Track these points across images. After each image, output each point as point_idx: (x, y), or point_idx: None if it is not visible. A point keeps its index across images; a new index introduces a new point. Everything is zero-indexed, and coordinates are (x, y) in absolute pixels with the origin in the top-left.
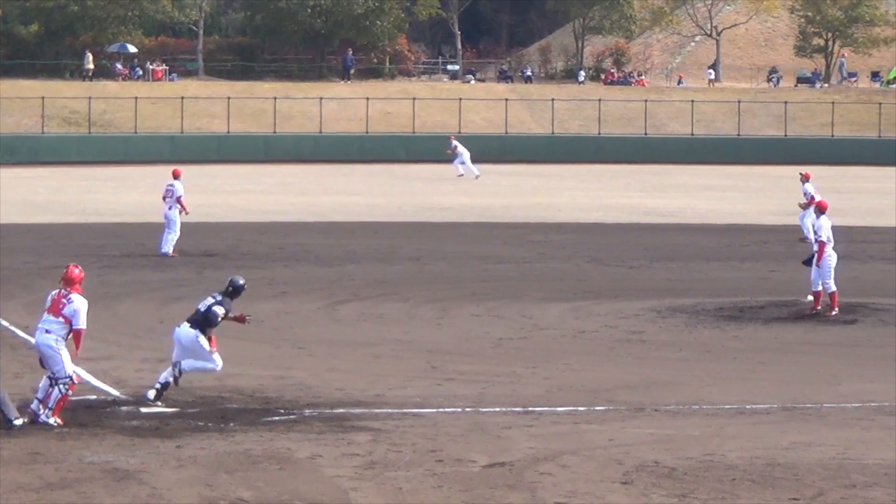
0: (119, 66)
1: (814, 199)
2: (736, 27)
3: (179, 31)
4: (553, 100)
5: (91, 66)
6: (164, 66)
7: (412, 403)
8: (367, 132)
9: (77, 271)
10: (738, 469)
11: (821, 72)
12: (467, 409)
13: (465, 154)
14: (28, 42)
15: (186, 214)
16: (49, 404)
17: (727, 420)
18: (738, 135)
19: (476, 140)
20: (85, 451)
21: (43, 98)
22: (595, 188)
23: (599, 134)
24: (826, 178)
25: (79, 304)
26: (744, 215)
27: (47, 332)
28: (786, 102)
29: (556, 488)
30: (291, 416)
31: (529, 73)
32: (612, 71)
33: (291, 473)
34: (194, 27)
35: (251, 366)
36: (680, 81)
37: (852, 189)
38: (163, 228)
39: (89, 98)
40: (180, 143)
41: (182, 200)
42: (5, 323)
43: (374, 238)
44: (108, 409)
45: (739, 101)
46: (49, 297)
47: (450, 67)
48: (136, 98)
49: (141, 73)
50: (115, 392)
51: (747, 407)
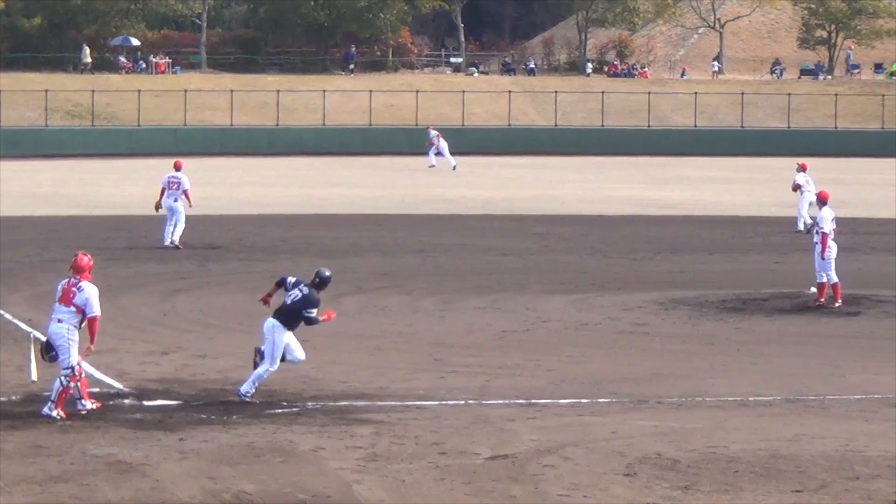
0: (122, 58)
1: (799, 186)
2: (739, 19)
3: (182, 24)
4: (556, 92)
5: (89, 60)
6: (168, 59)
7: (415, 396)
8: (370, 125)
9: (86, 259)
10: (742, 461)
11: (824, 64)
12: (470, 402)
13: (444, 146)
14: (31, 35)
15: (190, 207)
16: (52, 396)
17: (730, 412)
18: (742, 127)
19: (479, 132)
20: (88, 444)
21: (46, 91)
22: (598, 180)
23: (603, 126)
24: (829, 169)
25: (89, 291)
26: (747, 207)
27: (59, 321)
28: (789, 94)
29: (559, 480)
30: (294, 409)
31: (532, 65)
32: (616, 63)
33: (294, 466)
34: (197, 20)
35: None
36: (683, 74)
37: (855, 181)
38: (164, 221)
39: (93, 91)
40: (183, 135)
41: (189, 193)
42: (8, 316)
43: (378, 230)
44: (111, 402)
45: (743, 93)
46: (59, 287)
47: (453, 60)
48: (139, 91)
49: (144, 65)
50: (118, 385)
51: (750, 399)
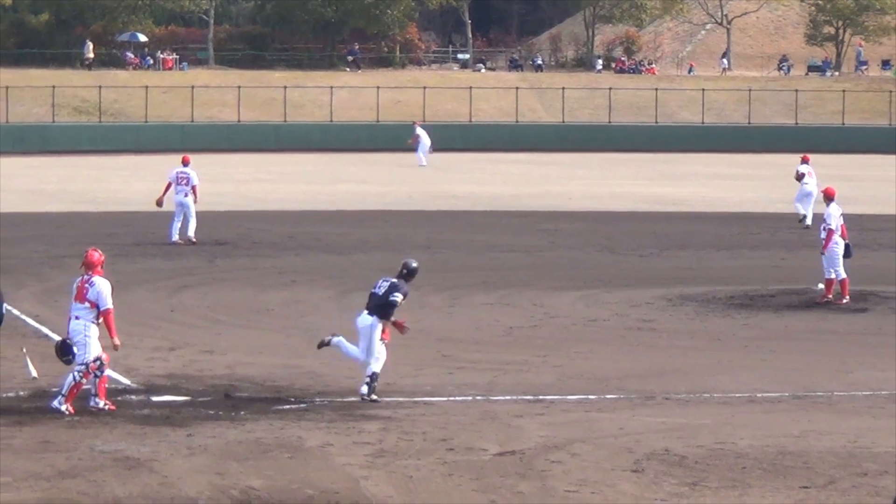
0: (129, 55)
1: (803, 175)
2: (746, 15)
3: (190, 20)
4: (563, 88)
5: (91, 56)
6: (175, 55)
7: (423, 392)
8: (377, 121)
9: (97, 255)
10: (749, 457)
11: (831, 60)
12: (478, 398)
13: (425, 143)
14: (38, 31)
15: (195, 203)
16: (62, 390)
17: (738, 408)
18: (749, 123)
19: (486, 129)
20: (95, 439)
21: (53, 87)
22: (605, 176)
23: (610, 122)
24: (836, 166)
25: (101, 285)
26: (754, 203)
27: (76, 318)
28: (796, 91)
29: (566, 476)
30: (302, 405)
31: (540, 61)
32: (623, 59)
33: (302, 462)
34: (205, 16)
35: (262, 354)
36: (691, 70)
37: (863, 177)
38: (171, 217)
39: (99, 87)
40: (190, 132)
41: (197, 189)
42: (16, 312)
43: (385, 227)
44: (119, 398)
45: (750, 90)
46: (74, 286)
47: (460, 56)
48: (146, 87)
49: (151, 62)
50: (125, 380)
51: (758, 395)
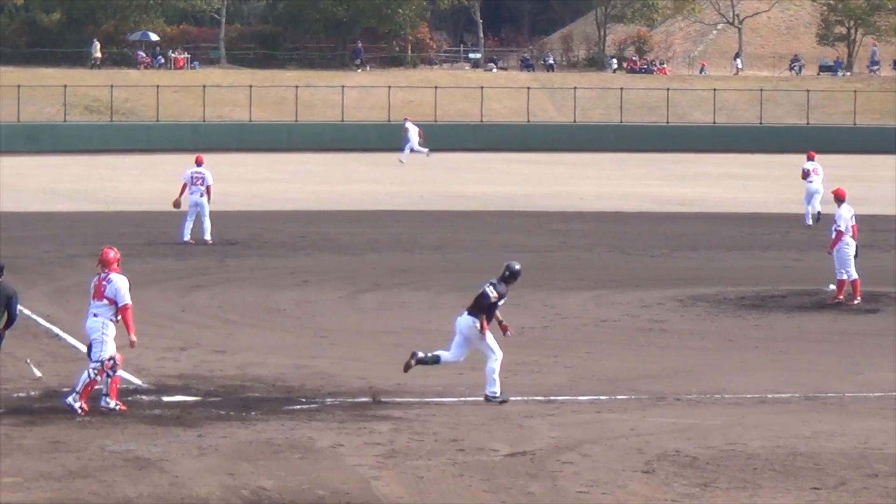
0: (141, 54)
1: (808, 173)
2: (758, 15)
3: (201, 20)
4: (575, 88)
5: (98, 55)
6: (186, 55)
7: (434, 392)
8: (388, 120)
9: (112, 253)
10: (760, 458)
11: (843, 60)
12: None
13: (414, 139)
14: (50, 30)
15: (208, 203)
16: (77, 387)
17: (749, 409)
18: (761, 123)
19: (498, 129)
20: (106, 439)
21: (65, 86)
22: (617, 177)
23: (621, 122)
24: (848, 166)
25: (118, 282)
26: (766, 204)
27: (95, 315)
28: (808, 91)
29: (577, 477)
30: (313, 405)
31: (551, 61)
32: (635, 59)
33: (313, 462)
34: (216, 15)
35: (273, 355)
36: (702, 70)
37: (874, 178)
38: (184, 216)
39: (111, 86)
40: (202, 131)
41: (211, 189)
42: (27, 311)
43: (396, 227)
44: (130, 398)
45: (762, 90)
46: (91, 285)
47: (471, 56)
48: (157, 86)
49: (163, 61)
50: (136, 381)
51: (769, 396)
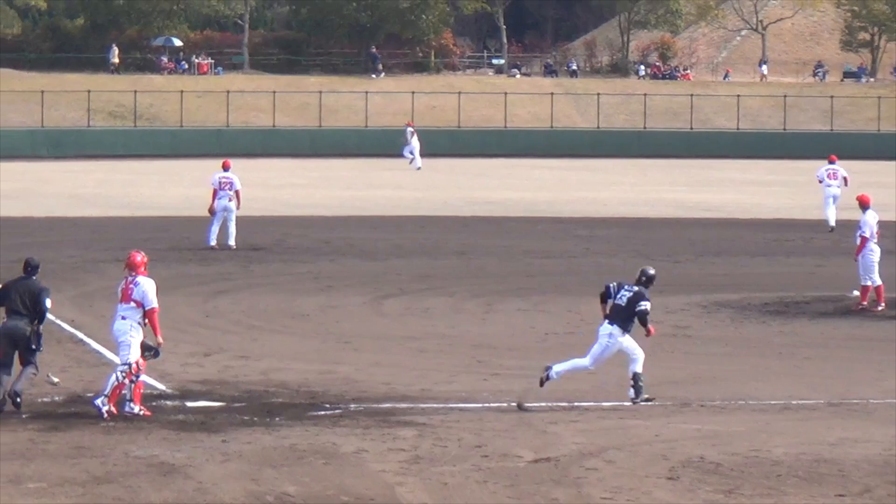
0: (164, 59)
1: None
2: (782, 21)
3: (225, 25)
4: (598, 94)
5: (117, 61)
6: (210, 60)
7: (458, 398)
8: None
9: (139, 256)
10: (785, 465)
11: (867, 66)
12: (513, 404)
13: (415, 144)
14: (74, 36)
15: (238, 208)
16: (105, 390)
17: (773, 416)
18: (784, 129)
19: (522, 135)
20: (131, 445)
21: (89, 91)
22: (640, 182)
23: (645, 128)
24: (872, 172)
25: (145, 285)
26: (790, 210)
27: (123, 318)
28: (832, 97)
29: (601, 483)
30: (337, 411)
31: (575, 67)
32: (658, 65)
33: (337, 468)
34: (240, 21)
35: (297, 360)
36: (726, 76)
37: None
38: (210, 221)
39: (135, 92)
40: (226, 136)
41: (240, 194)
42: (51, 316)
43: (420, 232)
44: (154, 403)
45: (785, 96)
46: (119, 288)
47: (495, 61)
48: (181, 92)
49: (186, 66)
50: (160, 386)
51: (793, 402)
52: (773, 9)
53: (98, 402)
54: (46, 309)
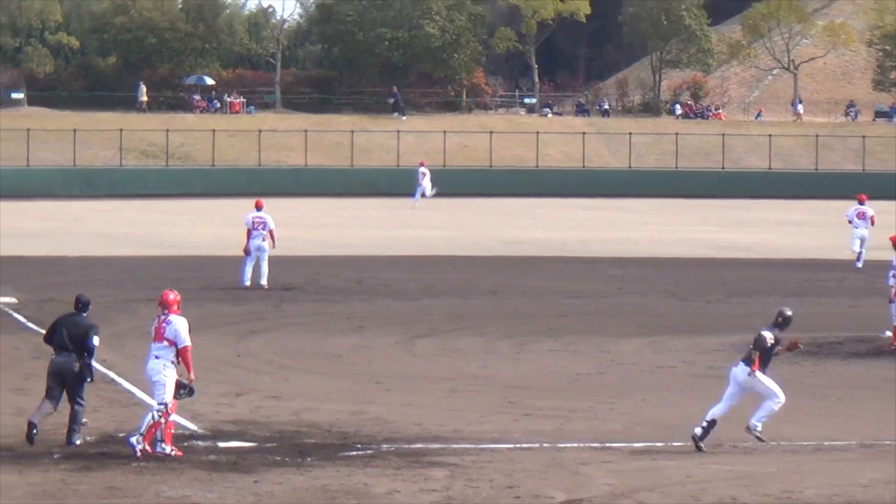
0: (196, 98)
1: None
2: (814, 61)
3: (257, 64)
4: (630, 133)
5: (145, 99)
6: (242, 99)
7: (489, 439)
8: (444, 166)
9: (172, 295)
10: None
11: None
12: (545, 445)
13: (427, 185)
14: (106, 74)
15: (273, 248)
16: (141, 429)
17: (805, 457)
18: (816, 169)
19: (553, 174)
20: (162, 485)
21: (121, 130)
22: (672, 222)
23: (677, 168)
24: None
25: (178, 324)
26: (822, 250)
27: (156, 357)
28: (864, 136)
29: None
30: (369, 451)
31: (607, 106)
32: (690, 104)
33: None
34: (272, 59)
35: (329, 400)
36: (759, 115)
37: None
38: (243, 260)
39: (167, 130)
40: (258, 175)
41: (274, 233)
42: None
43: (452, 272)
44: (186, 444)
45: (817, 136)
46: (152, 327)
47: (527, 101)
48: (213, 131)
49: (218, 105)
50: (192, 426)
51: (825, 443)
52: (805, 48)
53: (133, 441)
54: (94, 347)
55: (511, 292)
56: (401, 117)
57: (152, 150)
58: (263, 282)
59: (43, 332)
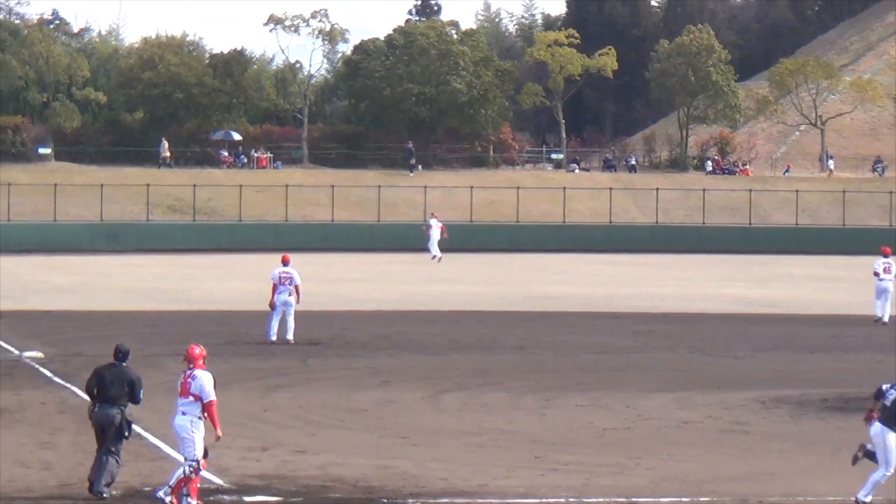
0: (224, 153)
1: (877, 273)
2: (841, 117)
3: (284, 119)
4: (657, 189)
5: (167, 154)
6: (269, 154)
7: (516, 493)
8: (471, 221)
9: (197, 350)
10: None
11: None
12: (571, 500)
13: (434, 236)
14: (133, 129)
15: (298, 303)
16: (170, 481)
17: None
18: (843, 225)
19: (580, 229)
20: None
21: (148, 185)
22: (699, 278)
23: (703, 223)
24: None
25: (203, 378)
26: (849, 306)
27: (183, 413)
28: (891, 192)
29: None
30: None
31: (634, 161)
32: (717, 160)
33: None
34: (299, 115)
35: (354, 455)
36: (787, 171)
37: None
38: (270, 315)
39: (194, 186)
40: (285, 231)
41: (300, 289)
42: None
43: (478, 327)
44: (212, 498)
45: (844, 192)
46: (178, 382)
47: (554, 156)
48: (240, 186)
49: (245, 160)
50: (218, 480)
51: (852, 499)
52: (832, 104)
53: (161, 494)
54: (140, 400)
55: (537, 347)
56: (408, 174)
57: (179, 205)
58: (290, 336)
59: (69, 386)
